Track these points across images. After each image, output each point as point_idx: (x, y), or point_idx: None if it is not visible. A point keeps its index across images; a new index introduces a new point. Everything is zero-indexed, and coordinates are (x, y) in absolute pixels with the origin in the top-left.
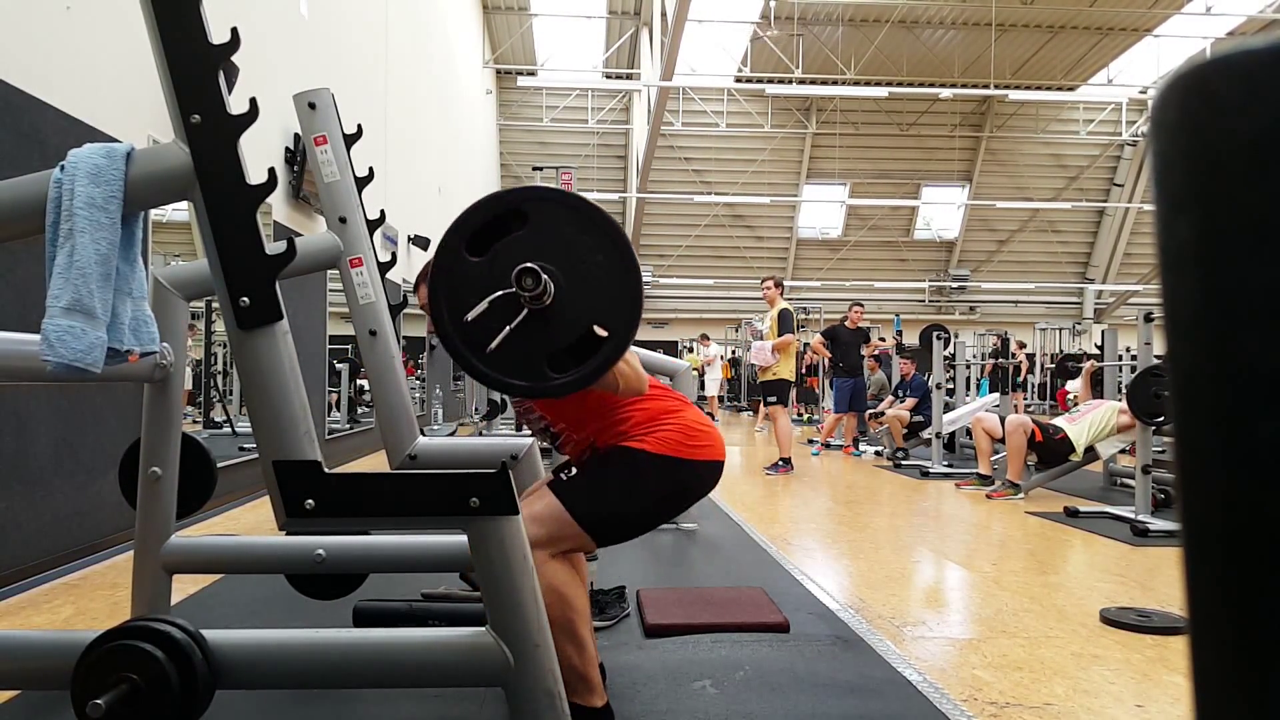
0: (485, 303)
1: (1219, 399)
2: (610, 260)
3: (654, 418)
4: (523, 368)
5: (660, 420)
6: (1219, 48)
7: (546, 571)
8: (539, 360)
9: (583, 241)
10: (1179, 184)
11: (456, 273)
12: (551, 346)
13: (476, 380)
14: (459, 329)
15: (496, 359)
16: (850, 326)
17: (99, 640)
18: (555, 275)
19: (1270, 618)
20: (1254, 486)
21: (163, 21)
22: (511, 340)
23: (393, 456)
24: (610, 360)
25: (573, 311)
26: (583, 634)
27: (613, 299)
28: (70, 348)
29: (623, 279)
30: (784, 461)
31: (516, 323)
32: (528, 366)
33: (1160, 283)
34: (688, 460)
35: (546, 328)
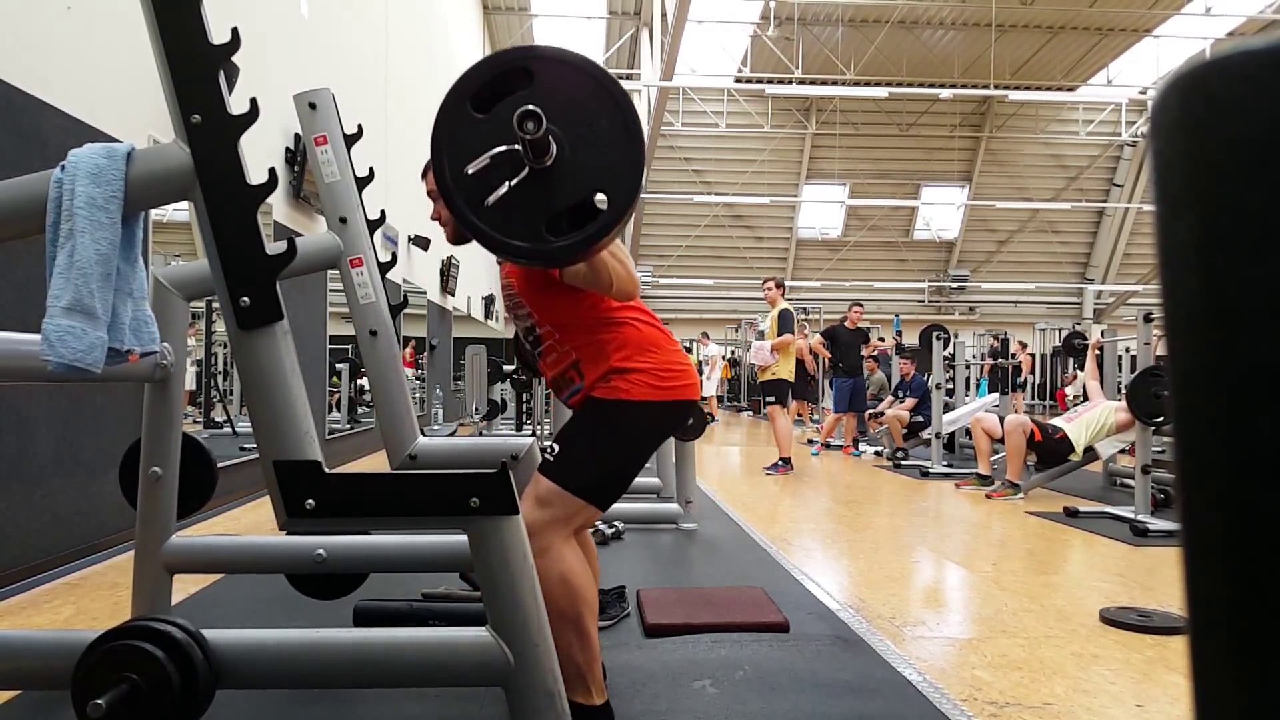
0: (487, 156)
1: (1219, 399)
2: (615, 126)
3: (637, 348)
4: (521, 228)
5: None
6: (1218, 48)
7: (565, 556)
8: (538, 221)
9: (588, 105)
10: (1179, 184)
11: (460, 127)
12: (551, 209)
13: (474, 236)
14: (459, 181)
15: (495, 216)
16: (850, 327)
17: (99, 640)
18: (559, 135)
19: (1270, 618)
20: (1254, 486)
21: (163, 21)
22: (511, 198)
23: (393, 456)
24: (609, 226)
25: (574, 175)
26: (589, 629)
27: (615, 166)
28: (71, 347)
29: (626, 146)
30: (783, 461)
31: (517, 181)
32: (526, 227)
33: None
34: (659, 402)
35: (547, 189)
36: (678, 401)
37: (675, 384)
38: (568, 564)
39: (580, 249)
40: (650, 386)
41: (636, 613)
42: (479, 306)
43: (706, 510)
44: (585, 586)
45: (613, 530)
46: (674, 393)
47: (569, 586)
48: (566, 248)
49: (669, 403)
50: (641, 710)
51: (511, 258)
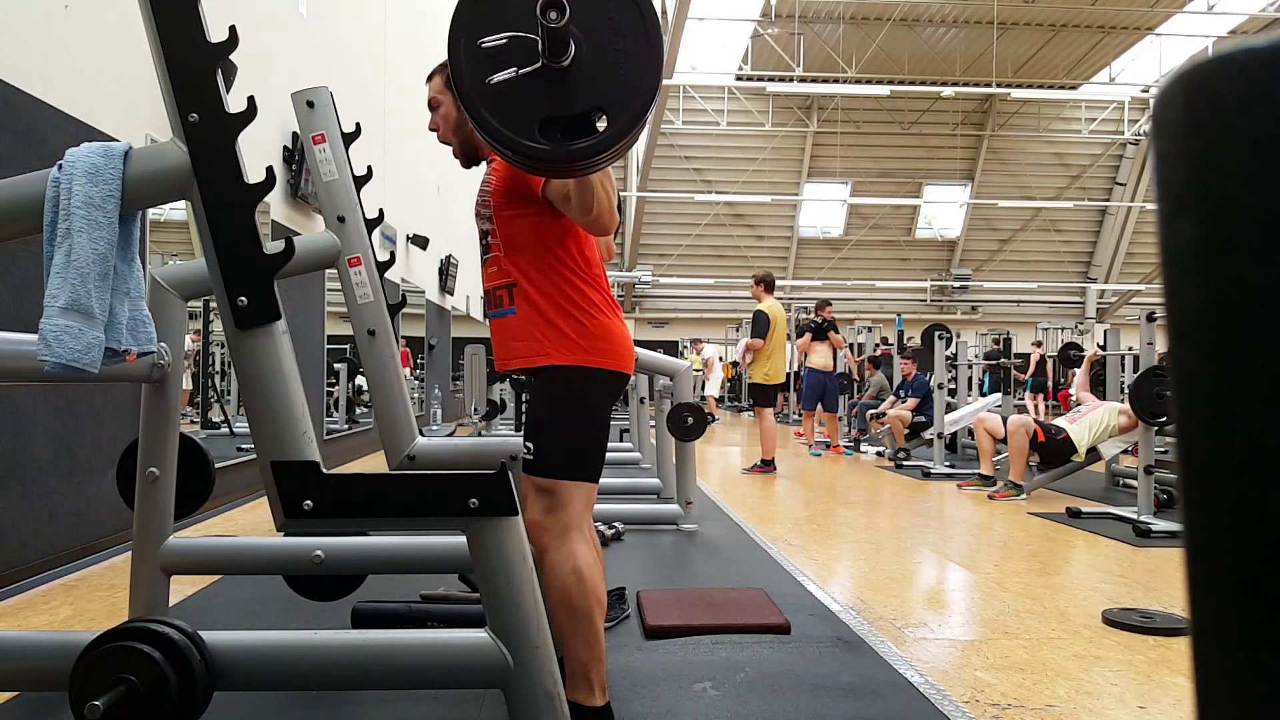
0: (504, 36)
1: (1222, 398)
2: (638, 48)
3: (573, 305)
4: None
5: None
6: (1221, 46)
7: (580, 550)
8: (532, 119)
9: (619, 22)
10: (1181, 183)
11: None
12: (552, 111)
13: (467, 110)
14: (471, 52)
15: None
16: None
17: (97, 641)
18: (579, 40)
19: (1273, 619)
20: (1257, 486)
21: (161, 20)
22: (516, 86)
23: (391, 457)
24: (607, 142)
25: (584, 83)
26: (599, 626)
27: (628, 86)
28: (68, 347)
29: (644, 69)
30: (764, 463)
31: (528, 70)
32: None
33: (1163, 282)
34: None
35: (553, 90)
36: (611, 371)
37: (610, 351)
38: (582, 557)
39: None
40: (586, 352)
41: (637, 614)
42: (478, 306)
43: (707, 511)
44: (598, 582)
45: (613, 531)
46: (603, 360)
47: (582, 579)
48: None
49: (606, 370)
50: (642, 712)
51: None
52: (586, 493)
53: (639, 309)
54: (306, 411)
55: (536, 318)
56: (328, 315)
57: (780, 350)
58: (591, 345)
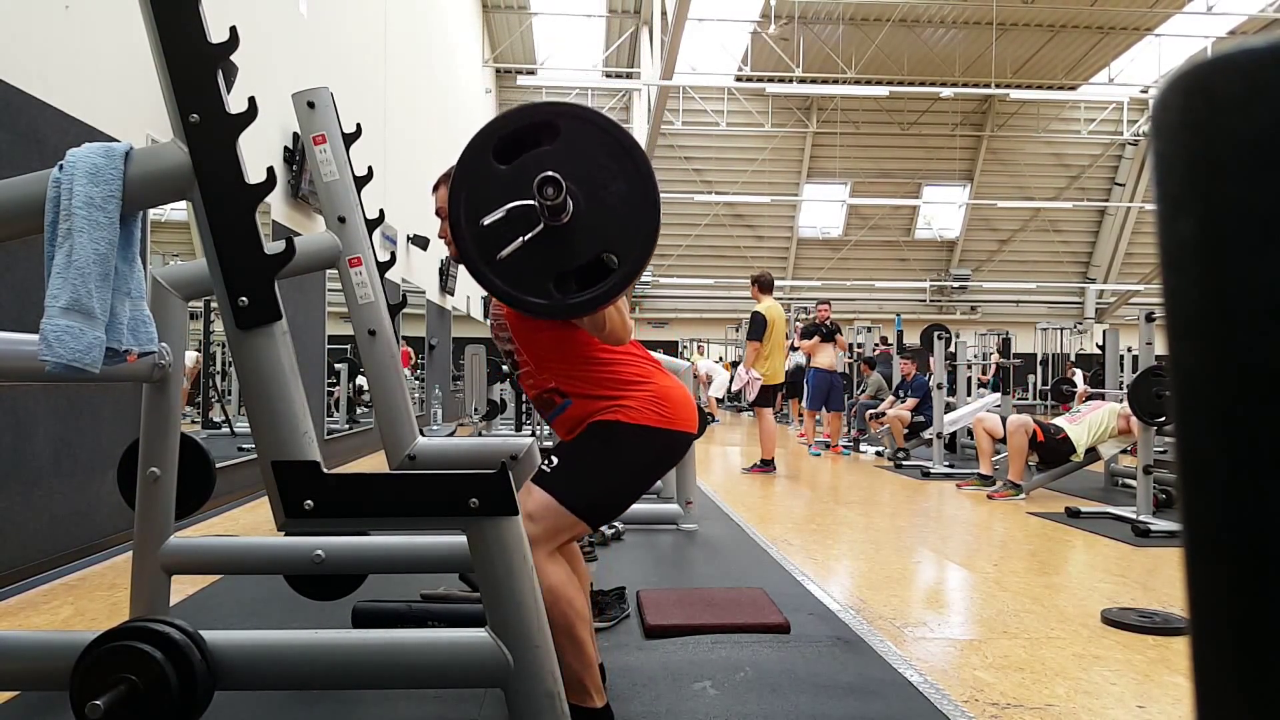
0: (504, 210)
1: (1220, 399)
2: (634, 191)
3: (623, 384)
4: (529, 282)
5: (630, 387)
6: (1220, 47)
7: (545, 573)
8: (546, 277)
9: (609, 167)
10: (1180, 183)
11: (481, 176)
12: (561, 266)
13: (483, 286)
14: (474, 232)
15: (505, 268)
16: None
17: (98, 641)
18: (576, 195)
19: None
20: (1255, 486)
21: (162, 21)
22: (523, 253)
23: (392, 457)
24: (619, 287)
25: (587, 234)
26: (582, 636)
27: (629, 230)
28: (69, 347)
29: (642, 212)
30: (763, 463)
31: (531, 236)
32: (535, 282)
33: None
34: (662, 429)
35: (559, 246)
36: (678, 432)
37: (675, 414)
38: (551, 579)
39: (589, 308)
40: (652, 413)
41: (636, 614)
42: (478, 306)
43: (707, 511)
44: (573, 596)
45: (613, 531)
46: (674, 422)
47: (556, 597)
48: (575, 306)
49: (671, 431)
50: (642, 711)
51: (520, 310)
52: (577, 531)
53: (639, 309)
54: (307, 411)
55: (598, 396)
56: (328, 315)
57: (778, 351)
58: (659, 409)
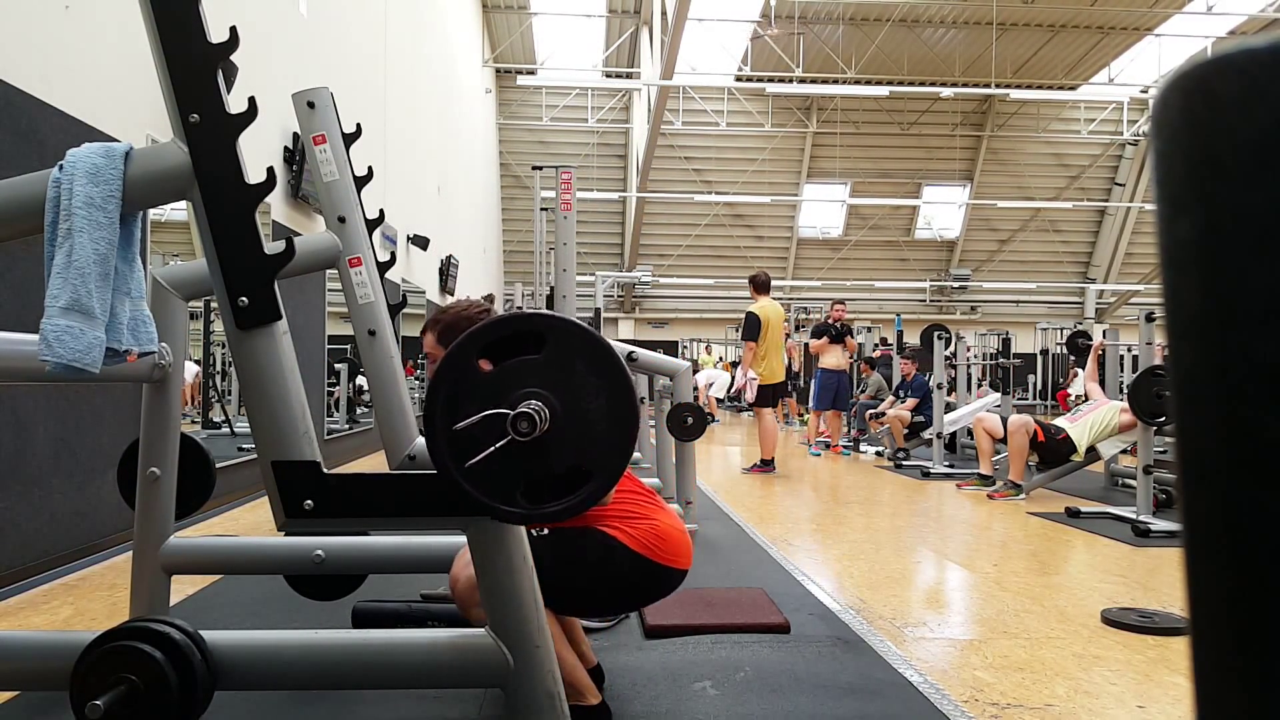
0: (478, 417)
1: (1220, 398)
2: (613, 406)
3: (627, 515)
4: (498, 489)
5: (634, 519)
6: (1220, 47)
7: None
8: (515, 485)
9: (591, 382)
10: (1180, 184)
11: (462, 377)
12: (531, 476)
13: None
14: (447, 435)
15: (475, 474)
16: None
17: (98, 641)
18: (554, 405)
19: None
20: (1256, 486)
21: (161, 21)
22: (493, 460)
23: (392, 457)
24: (588, 503)
25: (562, 447)
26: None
27: (604, 445)
28: (69, 347)
29: (619, 428)
30: (763, 463)
31: (501, 445)
32: (503, 488)
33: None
34: (658, 563)
35: (531, 456)
36: (671, 569)
37: (671, 551)
38: None
39: (562, 518)
40: (651, 547)
41: (637, 614)
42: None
43: (707, 510)
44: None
45: None
46: (669, 559)
47: None
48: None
49: (664, 567)
50: (642, 711)
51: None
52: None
53: (639, 309)
54: (307, 411)
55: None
56: (328, 315)
57: (775, 350)
58: (658, 544)
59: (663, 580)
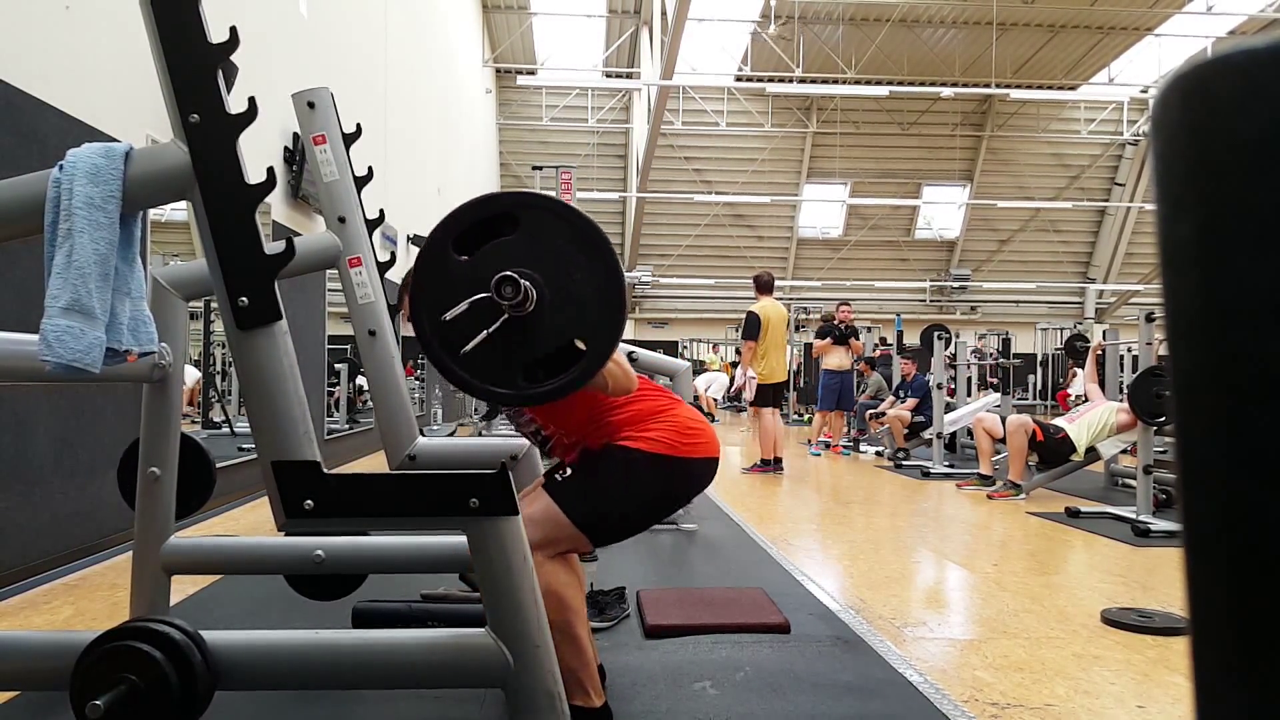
0: (465, 304)
1: (1220, 398)
2: (596, 275)
3: (645, 417)
4: (498, 374)
5: (652, 419)
6: (1220, 47)
7: (543, 573)
8: (515, 368)
9: (571, 253)
10: (1180, 183)
11: (441, 271)
12: (529, 355)
13: (451, 383)
14: (436, 328)
15: (472, 363)
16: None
17: (98, 641)
18: (539, 284)
19: (1271, 618)
20: (1255, 486)
21: (162, 21)
22: (488, 345)
23: (392, 457)
24: (586, 375)
25: (553, 323)
26: (580, 635)
27: (595, 315)
28: (69, 348)
29: (607, 296)
30: (763, 462)
31: (494, 328)
32: (503, 373)
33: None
34: (681, 458)
35: (525, 336)
36: (699, 459)
37: (696, 441)
38: (549, 575)
39: (556, 396)
40: (675, 442)
41: (636, 614)
42: None
43: (706, 510)
44: (571, 595)
45: None
46: (695, 449)
47: (556, 596)
48: (542, 394)
49: (691, 459)
50: (642, 711)
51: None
52: (577, 545)
53: (639, 309)
54: (307, 411)
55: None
56: (328, 315)
57: (776, 349)
58: (681, 437)
59: (693, 475)
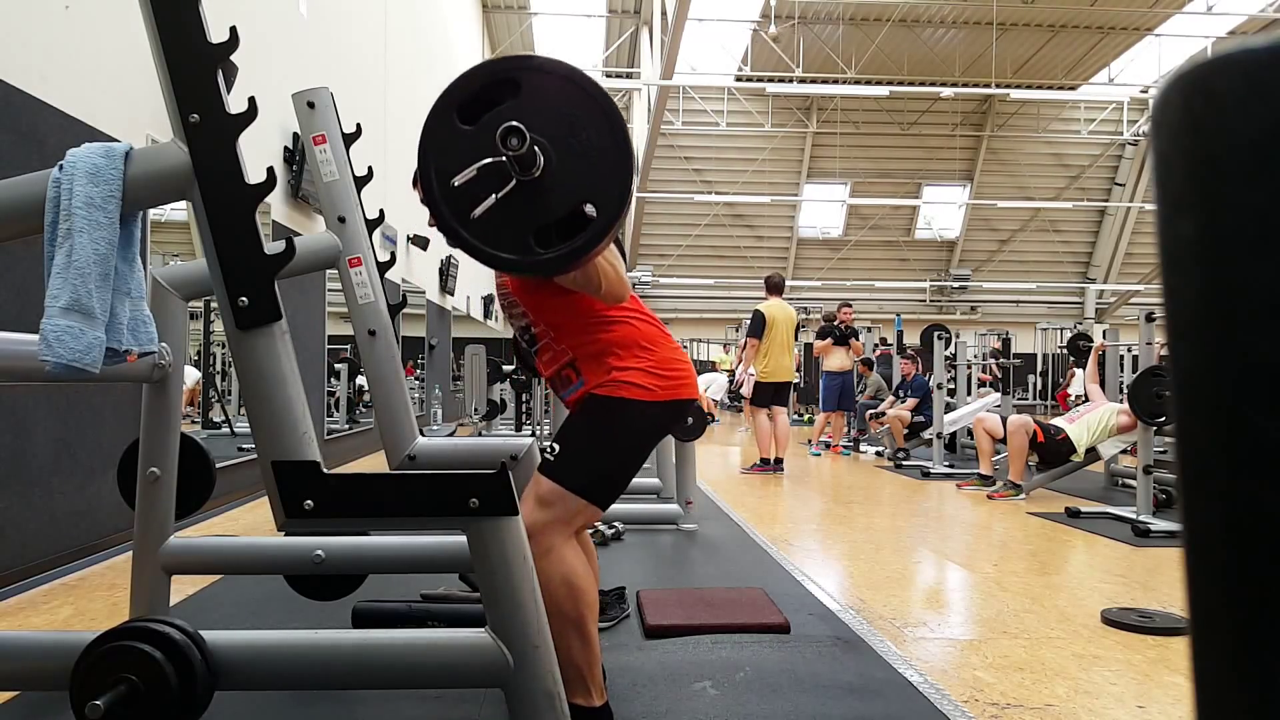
0: (474, 168)
1: (1220, 398)
2: (603, 137)
3: (630, 345)
4: (508, 240)
5: (636, 352)
6: (1220, 47)
7: (567, 558)
8: (525, 233)
9: (576, 116)
10: (1180, 183)
11: (447, 139)
12: (539, 221)
13: (460, 248)
14: (446, 194)
15: (482, 228)
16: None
17: (98, 641)
18: (546, 148)
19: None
20: (1255, 486)
21: (162, 21)
22: (498, 211)
23: (392, 457)
24: (598, 236)
25: (562, 186)
26: (591, 630)
27: (603, 177)
28: (69, 347)
29: (614, 157)
30: (762, 461)
31: (505, 192)
32: (513, 239)
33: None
34: (659, 402)
35: (534, 201)
36: (676, 401)
37: (674, 382)
38: (569, 565)
39: (570, 260)
40: (648, 387)
41: (636, 614)
42: (478, 306)
43: (707, 511)
44: (587, 588)
45: (613, 531)
46: (672, 391)
47: (571, 588)
48: (556, 259)
49: (668, 402)
50: (641, 711)
51: (501, 269)
52: (590, 514)
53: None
54: (307, 411)
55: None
56: (328, 315)
57: (778, 349)
58: (658, 380)
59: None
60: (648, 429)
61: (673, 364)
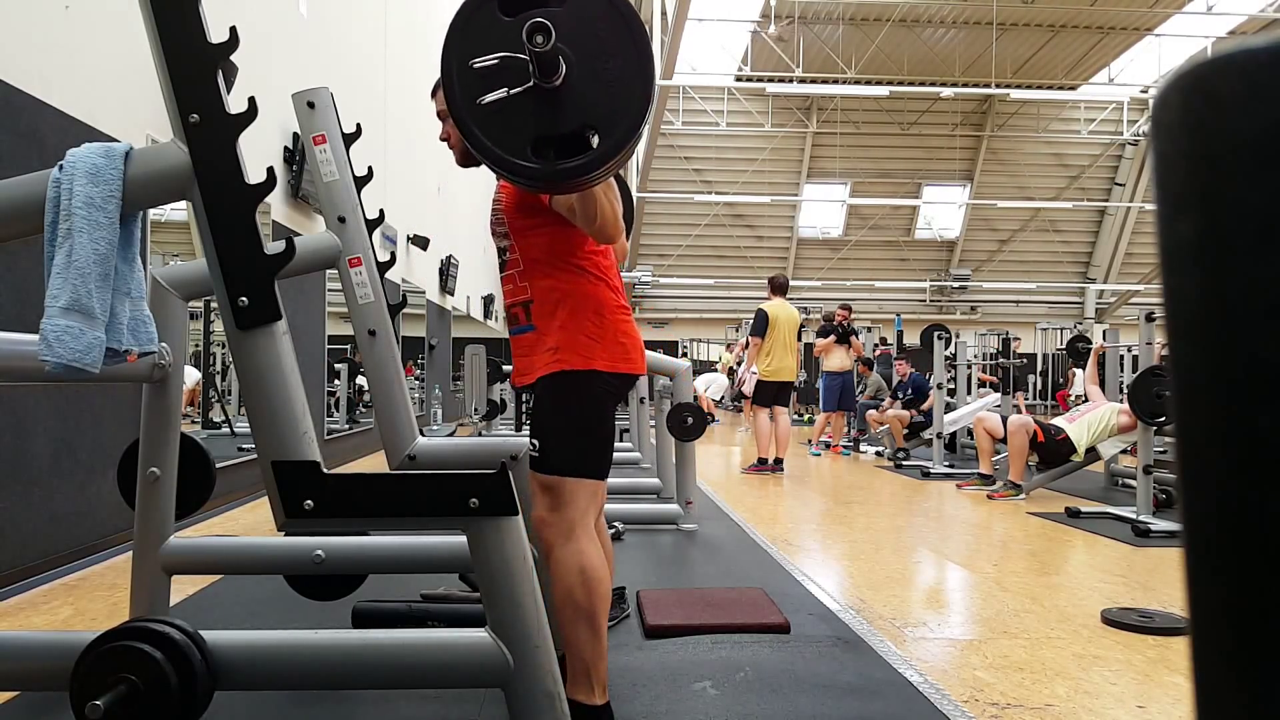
0: (495, 57)
1: (1220, 398)
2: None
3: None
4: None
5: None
6: (1220, 47)
7: (585, 548)
8: (525, 138)
9: (610, 42)
10: (1180, 183)
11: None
12: (540, 130)
13: (462, 133)
14: (462, 71)
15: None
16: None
17: (98, 641)
18: (570, 60)
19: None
20: (1256, 486)
21: (161, 21)
22: (507, 107)
23: (392, 457)
24: (602, 159)
25: (573, 104)
26: (601, 623)
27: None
28: (69, 347)
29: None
30: (760, 461)
31: (519, 90)
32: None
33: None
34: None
35: (544, 109)
36: (620, 374)
37: (618, 355)
38: (587, 556)
39: (567, 178)
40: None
41: (636, 614)
42: (478, 306)
43: (707, 511)
44: (602, 581)
45: (613, 530)
46: (616, 364)
47: (586, 578)
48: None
49: (612, 374)
50: (641, 711)
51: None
52: (591, 490)
53: (639, 309)
54: (307, 411)
55: (553, 328)
56: (328, 315)
57: (781, 349)
58: (604, 350)
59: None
60: (601, 393)
61: (618, 336)
